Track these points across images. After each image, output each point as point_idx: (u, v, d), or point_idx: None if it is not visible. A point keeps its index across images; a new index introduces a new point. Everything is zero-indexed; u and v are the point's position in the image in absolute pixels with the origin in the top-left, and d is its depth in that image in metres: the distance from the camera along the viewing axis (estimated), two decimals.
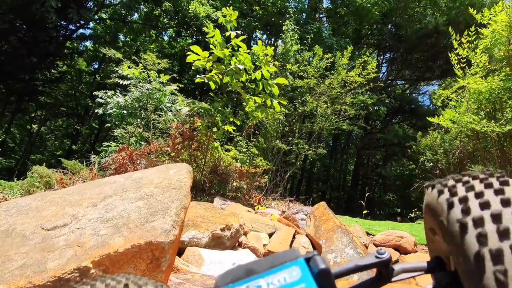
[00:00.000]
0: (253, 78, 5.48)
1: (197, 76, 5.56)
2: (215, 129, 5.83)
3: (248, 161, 6.72)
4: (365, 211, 5.75)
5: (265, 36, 14.76)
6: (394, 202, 17.57)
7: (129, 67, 8.21)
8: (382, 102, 12.98)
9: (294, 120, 9.10)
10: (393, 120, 19.33)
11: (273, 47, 5.51)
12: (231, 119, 5.91)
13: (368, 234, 4.65)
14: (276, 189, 7.77)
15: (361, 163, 18.57)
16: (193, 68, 5.48)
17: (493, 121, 4.44)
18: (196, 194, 5.46)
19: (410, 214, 7.78)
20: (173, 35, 19.85)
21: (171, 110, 7.66)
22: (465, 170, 7.09)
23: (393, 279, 0.56)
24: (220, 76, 5.56)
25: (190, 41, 17.75)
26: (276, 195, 7.15)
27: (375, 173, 18.52)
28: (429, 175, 9.40)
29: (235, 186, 6.14)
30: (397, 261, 3.82)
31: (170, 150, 5.80)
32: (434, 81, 19.65)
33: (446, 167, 8.11)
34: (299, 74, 8.93)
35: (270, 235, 3.93)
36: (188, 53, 5.16)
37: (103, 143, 8.47)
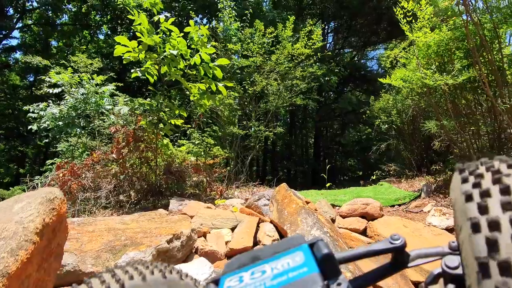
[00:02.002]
0: (192, 63, 4.99)
1: (132, 70, 4.98)
2: (161, 125, 5.32)
3: (203, 153, 6.29)
4: (328, 184, 5.60)
5: (205, 20, 13.96)
6: (356, 166, 18.12)
7: (58, 72, 7.33)
8: (332, 72, 12.92)
9: (246, 103, 8.70)
10: (345, 89, 19.59)
11: (207, 26, 5.02)
12: (177, 112, 5.43)
13: (334, 206, 4.49)
14: (239, 176, 7.44)
15: (320, 135, 18.76)
16: (124, 62, 4.87)
17: (444, 73, 4.35)
18: (153, 199, 5.01)
19: (372, 177, 7.87)
20: (109, 33, 18.29)
21: (113, 113, 6.99)
22: (418, 127, 7.34)
23: (410, 264, 0.55)
24: (156, 67, 5.03)
25: (128, 36, 16.49)
26: (239, 182, 6.82)
27: (335, 142, 18.85)
28: (386, 136, 9.58)
29: (195, 182, 5.72)
30: (365, 229, 3.68)
31: (116, 156, 5.22)
32: (381, 44, 20.02)
33: (401, 126, 8.22)
34: (243, 53, 8.47)
35: (233, 229, 3.61)
36: (116, 46, 4.55)
37: (47, 161, 7.64)
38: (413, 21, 4.65)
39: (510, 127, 4.01)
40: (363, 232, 3.66)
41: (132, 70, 4.94)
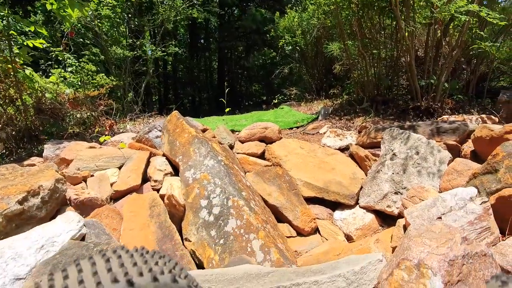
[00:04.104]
0: None
1: None
2: (16, 49, 4.19)
3: (80, 82, 5.36)
4: (227, 109, 5.53)
5: None
6: (260, 91, 18.72)
7: None
8: None
9: (130, 15, 7.45)
10: (250, 4, 18.73)
11: None
12: (32, 29, 4.30)
13: (234, 131, 4.49)
14: (134, 107, 6.79)
15: (224, 58, 18.17)
16: None
17: None
18: (30, 146, 4.22)
19: (274, 100, 8.17)
20: None
21: None
22: (321, 50, 7.59)
23: None
24: None
25: None
26: (133, 114, 6.23)
27: (239, 66, 18.68)
28: (289, 59, 9.79)
29: (78, 119, 4.94)
30: (263, 153, 3.81)
31: None
32: None
33: (304, 49, 8.40)
34: None
35: (121, 168, 3.31)
36: None
37: None
38: None
39: (408, 54, 4.39)
40: (261, 156, 3.79)
41: None
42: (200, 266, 2.34)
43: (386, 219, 3.00)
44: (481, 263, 1.35)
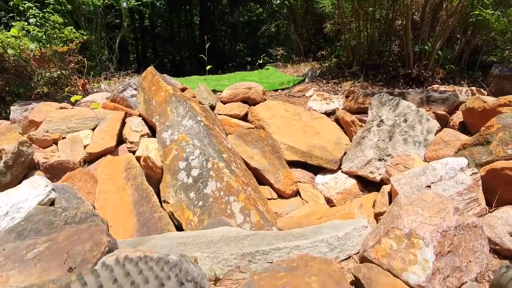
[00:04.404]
0: None
1: None
2: None
3: (46, 36, 4.91)
4: (208, 67, 5.28)
5: None
6: (244, 51, 18.01)
7: None
8: None
9: None
10: None
11: None
12: None
13: (215, 92, 4.31)
14: (108, 65, 6.38)
15: (206, 13, 17.08)
16: None
17: None
18: None
19: (259, 61, 7.87)
20: None
21: None
22: (312, 7, 7.15)
23: None
24: None
25: None
26: (108, 73, 5.87)
27: (223, 22, 17.73)
28: (277, 15, 9.32)
29: (47, 78, 4.58)
30: (246, 114, 3.69)
31: None
32: None
33: (294, 4, 7.97)
34: None
35: (94, 130, 3.15)
36: None
37: None
38: None
39: (405, 15, 4.16)
40: (244, 118, 3.67)
41: None
42: (179, 227, 2.31)
43: (367, 184, 3.02)
44: (471, 235, 1.34)
